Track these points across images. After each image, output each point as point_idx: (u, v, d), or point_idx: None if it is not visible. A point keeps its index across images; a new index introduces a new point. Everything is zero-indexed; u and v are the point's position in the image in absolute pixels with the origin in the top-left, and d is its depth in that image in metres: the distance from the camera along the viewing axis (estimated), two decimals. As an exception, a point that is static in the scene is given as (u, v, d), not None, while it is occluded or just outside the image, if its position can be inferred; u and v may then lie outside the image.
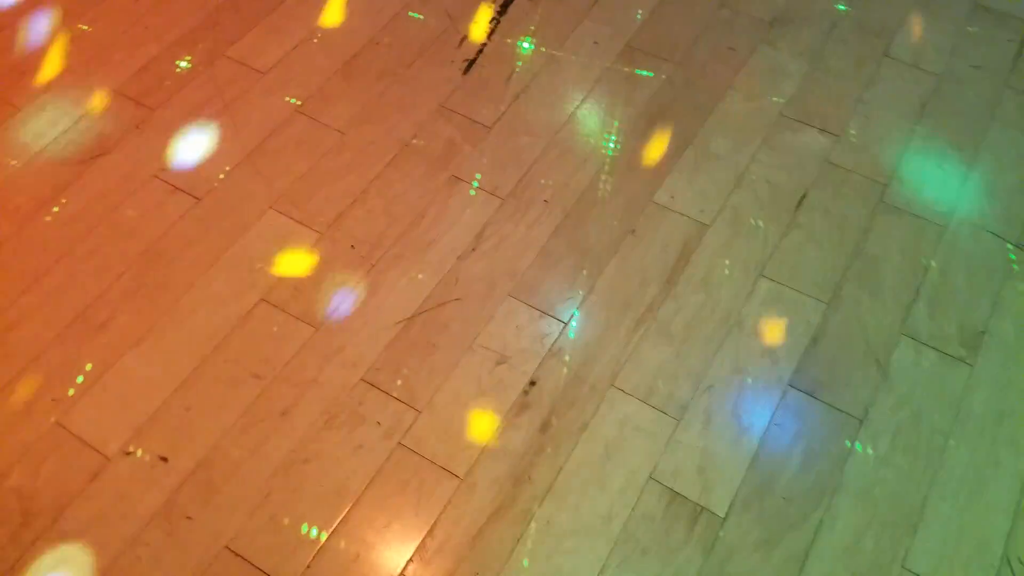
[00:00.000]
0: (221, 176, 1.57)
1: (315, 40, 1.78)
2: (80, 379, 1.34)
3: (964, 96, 1.69)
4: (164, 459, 1.26)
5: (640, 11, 1.82)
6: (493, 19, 1.82)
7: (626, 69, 1.73)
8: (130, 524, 1.21)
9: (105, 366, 1.35)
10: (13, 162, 1.59)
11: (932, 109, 1.67)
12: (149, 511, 1.22)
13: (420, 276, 1.45)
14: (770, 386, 1.36)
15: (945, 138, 1.63)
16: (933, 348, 1.39)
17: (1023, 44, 1.77)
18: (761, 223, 1.52)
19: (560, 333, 1.40)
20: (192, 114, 1.66)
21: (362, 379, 1.35)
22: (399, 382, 1.34)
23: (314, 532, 1.21)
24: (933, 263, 1.48)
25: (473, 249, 1.48)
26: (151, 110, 1.66)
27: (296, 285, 1.44)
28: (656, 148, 1.61)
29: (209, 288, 1.43)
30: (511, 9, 1.83)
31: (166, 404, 1.31)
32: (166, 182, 1.56)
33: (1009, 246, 1.50)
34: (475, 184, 1.56)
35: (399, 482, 1.26)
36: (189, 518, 1.21)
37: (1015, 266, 1.47)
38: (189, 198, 1.54)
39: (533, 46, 1.77)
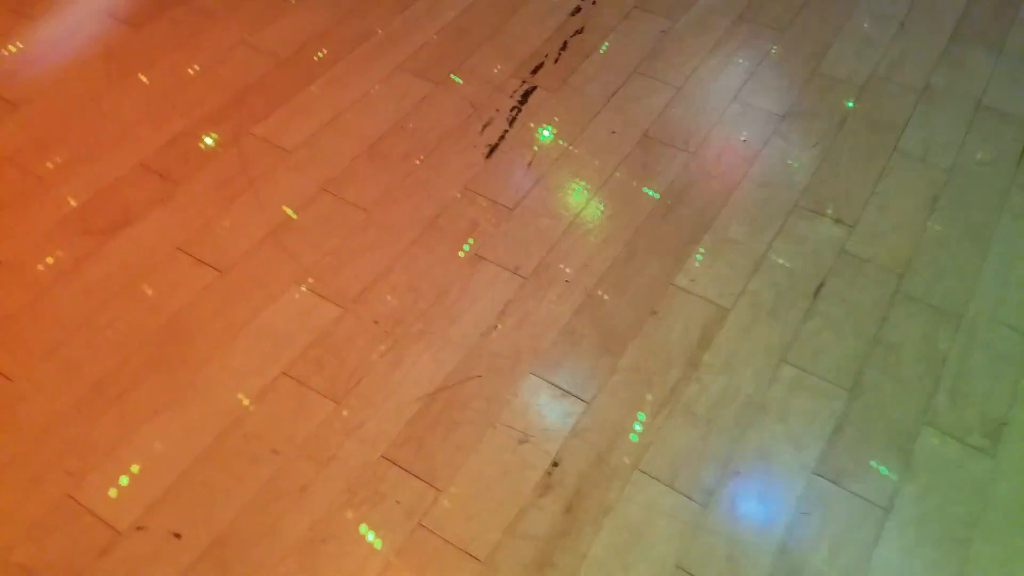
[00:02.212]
0: (244, 250, 1.58)
1: (341, 122, 1.82)
2: (94, 452, 1.31)
3: (974, 190, 1.74)
4: (178, 536, 1.22)
5: (655, 104, 1.89)
6: (514, 108, 1.88)
7: (644, 158, 1.77)
8: (140, 604, 1.16)
9: (120, 439, 1.32)
10: (36, 229, 1.59)
11: (943, 202, 1.71)
12: (160, 590, 1.17)
13: (442, 353, 1.45)
14: (795, 473, 1.34)
15: (958, 231, 1.67)
16: (955, 438, 1.39)
17: (1027, 143, 1.84)
18: (781, 309, 1.53)
19: (583, 413, 1.38)
20: (217, 189, 1.68)
21: (383, 456, 1.32)
22: (420, 460, 1.32)
23: (330, 616, 1.17)
24: (952, 353, 1.49)
25: (496, 327, 1.48)
26: (176, 184, 1.69)
27: (318, 360, 1.43)
28: (676, 231, 1.64)
29: (230, 362, 1.42)
30: (531, 98, 1.89)
31: (182, 479, 1.28)
32: (190, 255, 1.57)
33: (1026, 337, 1.51)
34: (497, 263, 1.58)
35: (419, 564, 1.22)
36: (202, 598, 1.17)
37: (1034, 357, 1.49)
38: (212, 271, 1.54)
39: (553, 134, 1.82)
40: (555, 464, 1.33)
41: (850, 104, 1.90)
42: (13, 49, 1.98)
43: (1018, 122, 1.87)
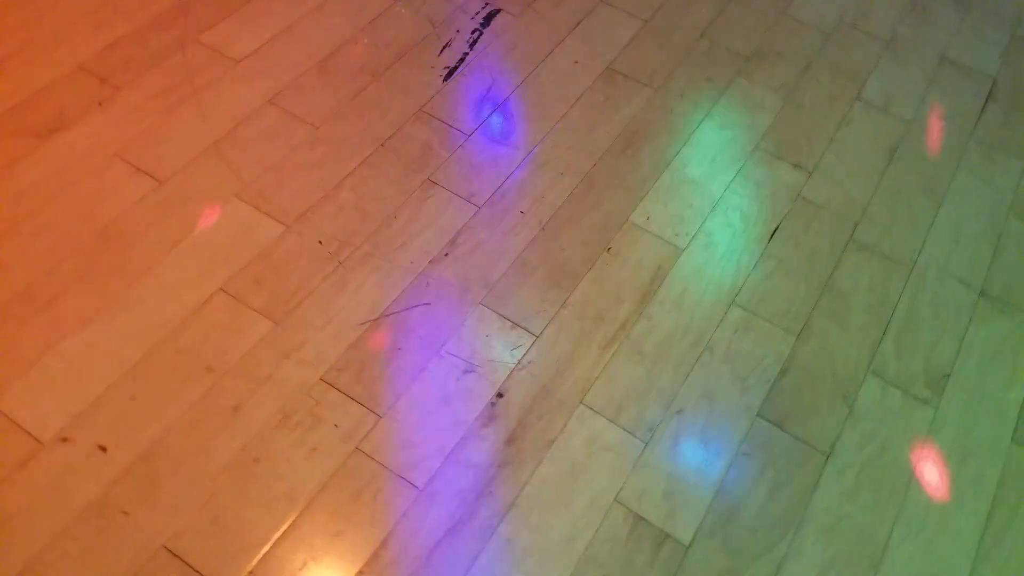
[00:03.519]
0: (186, 161, 1.50)
1: (292, 34, 1.73)
2: (19, 360, 1.24)
3: (932, 143, 1.73)
4: (103, 449, 1.17)
5: (621, 36, 1.83)
6: (475, 30, 1.80)
7: (606, 90, 1.72)
8: (60, 516, 1.11)
9: (46, 347, 1.26)
10: (-40, 129, 1.49)
11: (902, 153, 1.71)
12: (82, 503, 1.13)
13: (389, 277, 1.40)
14: (739, 414, 1.34)
15: (913, 182, 1.66)
16: (899, 388, 1.40)
17: (988, 98, 1.83)
18: (734, 251, 1.52)
19: (531, 346, 1.36)
20: (159, 97, 1.59)
21: (321, 378, 1.28)
22: (360, 384, 1.28)
23: (260, 536, 1.14)
24: (900, 303, 1.49)
25: (446, 254, 1.44)
26: (116, 89, 1.59)
27: (257, 278, 1.37)
28: (634, 168, 1.61)
29: (165, 275, 1.36)
30: (494, 21, 1.82)
31: (110, 392, 1.23)
32: (128, 162, 1.48)
33: (974, 292, 1.52)
34: (450, 189, 1.52)
35: (354, 489, 1.19)
36: (125, 513, 1.13)
37: (979, 312, 1.50)
38: (151, 180, 1.46)
39: (514, 61, 1.75)
40: (500, 395, 1.30)
41: (816, 49, 1.87)
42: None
43: (979, 77, 1.87)
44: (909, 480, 1.30)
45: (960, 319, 1.48)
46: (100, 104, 1.56)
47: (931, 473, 1.31)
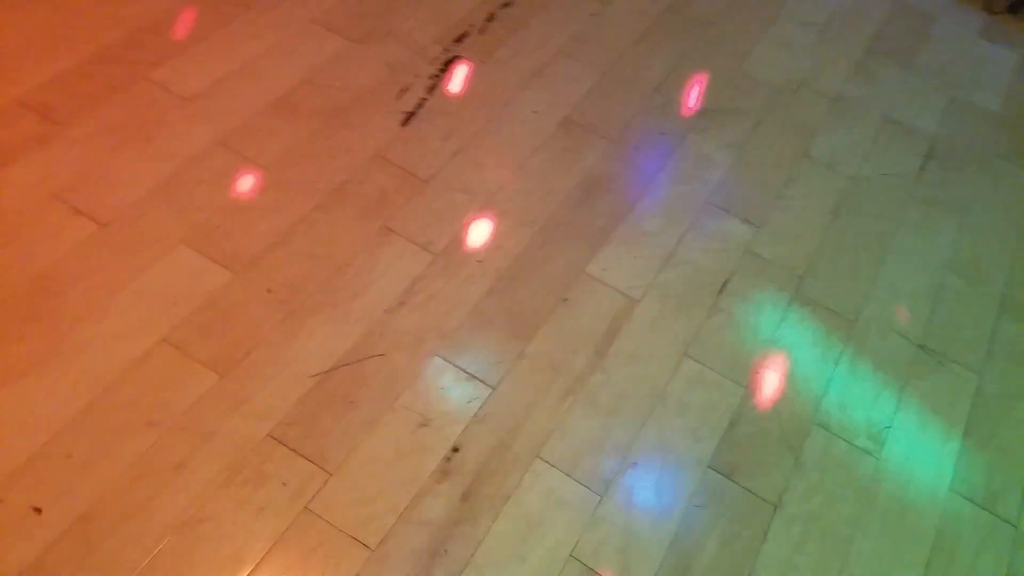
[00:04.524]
0: (130, 203, 1.45)
1: (245, 73, 1.70)
2: (-59, 413, 1.17)
3: (875, 200, 1.79)
4: (38, 510, 1.11)
5: (579, 87, 1.86)
6: (434, 75, 1.80)
7: (564, 140, 1.74)
8: (-13, 585, 1.05)
9: (-26, 400, 1.19)
10: None
11: (846, 209, 1.76)
12: (15, 568, 1.06)
13: (342, 327, 1.37)
14: (691, 465, 1.35)
15: (855, 238, 1.72)
16: (843, 439, 1.43)
17: (927, 158, 1.91)
18: (687, 304, 1.54)
19: (488, 398, 1.34)
20: (104, 134, 1.54)
21: (269, 434, 1.24)
22: (311, 439, 1.25)
23: (204, 602, 1.09)
24: (843, 357, 1.53)
25: (401, 303, 1.42)
26: (58, 125, 1.53)
27: (202, 327, 1.33)
28: (591, 219, 1.62)
29: (106, 323, 1.30)
30: (453, 68, 1.83)
31: (46, 448, 1.16)
32: (68, 204, 1.43)
33: (913, 346, 1.57)
34: (406, 237, 1.51)
35: (304, 550, 1.15)
36: (59, 581, 1.07)
37: (919, 365, 1.55)
38: (92, 223, 1.41)
39: (473, 108, 1.76)
40: (455, 450, 1.28)
41: (767, 106, 1.93)
42: None
43: (921, 137, 1.95)
44: (853, 531, 1.32)
45: (900, 372, 1.53)
46: (40, 142, 1.50)
47: (872, 522, 1.34)
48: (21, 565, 1.07)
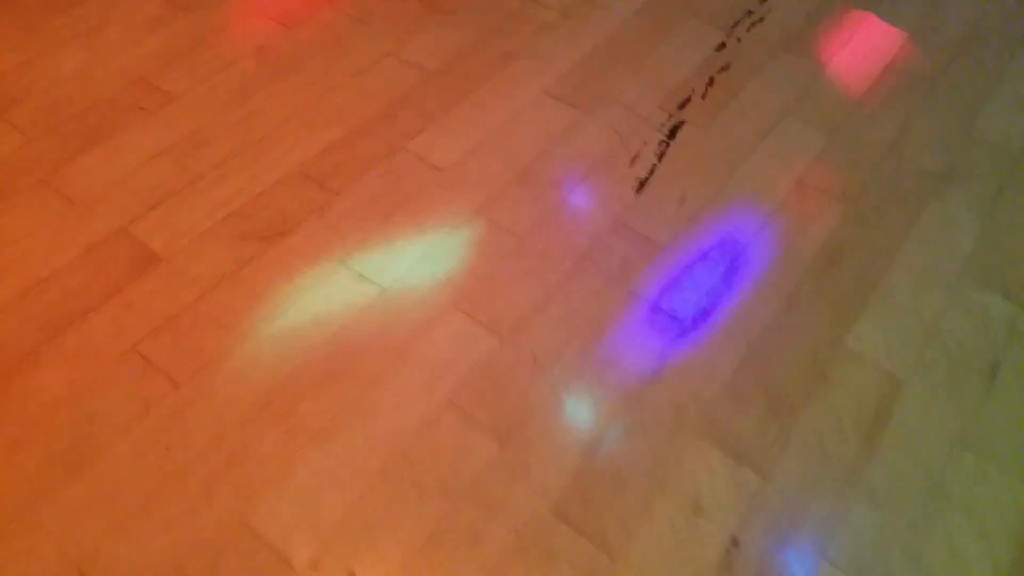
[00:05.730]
0: (405, 268, 1.56)
1: (489, 144, 1.80)
2: (266, 471, 1.29)
3: None
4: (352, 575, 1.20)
5: (808, 149, 1.85)
6: (662, 142, 1.85)
7: (799, 205, 1.73)
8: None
9: (287, 457, 1.30)
10: (189, 234, 1.59)
11: (1110, 280, 1.66)
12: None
13: (602, 398, 1.42)
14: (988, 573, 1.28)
15: (1125, 311, 1.61)
16: None
17: None
18: (956, 387, 1.48)
19: (760, 488, 1.33)
20: (372, 203, 1.66)
21: (553, 511, 1.28)
22: (590, 519, 1.28)
23: (503, 664, 1.14)
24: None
25: (655, 375, 1.45)
26: (333, 194, 1.67)
27: (479, 393, 1.40)
28: (840, 288, 1.60)
29: (395, 384, 1.40)
30: (680, 134, 1.86)
31: (352, 511, 1.26)
32: (351, 270, 1.55)
33: None
34: (652, 302, 1.54)
35: (589, 618, 1.19)
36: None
37: None
38: (374, 286, 1.52)
39: (704, 173, 1.78)
40: (734, 543, 1.28)
41: (1006, 170, 1.85)
42: (169, 41, 1.98)
43: None
44: None
45: None
46: (319, 210, 1.64)
47: None
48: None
